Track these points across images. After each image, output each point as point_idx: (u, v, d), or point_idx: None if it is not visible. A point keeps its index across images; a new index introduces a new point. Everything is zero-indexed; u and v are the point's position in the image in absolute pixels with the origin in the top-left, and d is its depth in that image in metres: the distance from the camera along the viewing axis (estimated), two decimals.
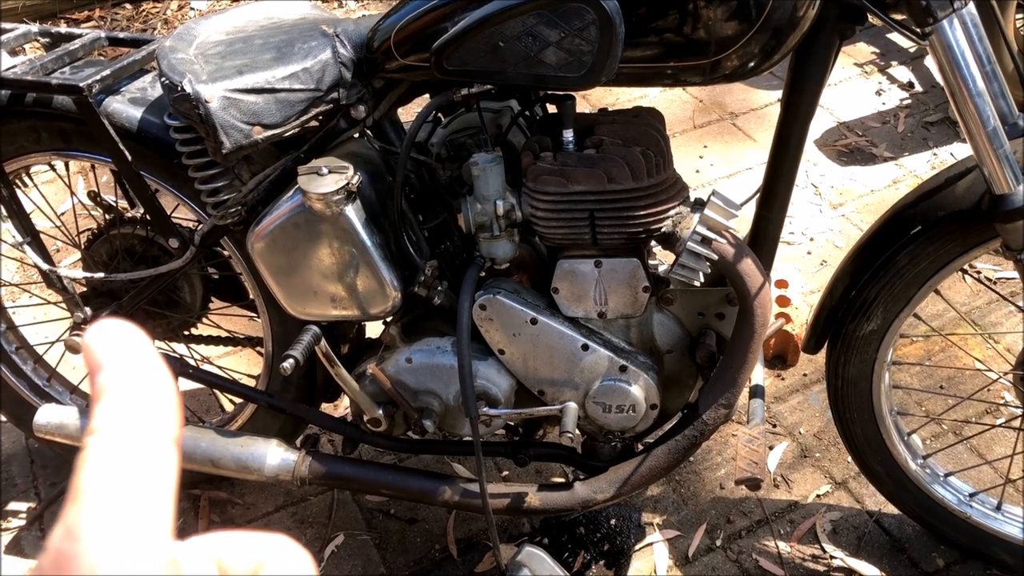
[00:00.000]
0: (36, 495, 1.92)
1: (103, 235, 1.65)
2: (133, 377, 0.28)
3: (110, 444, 0.27)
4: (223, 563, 0.30)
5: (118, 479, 0.26)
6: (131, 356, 0.29)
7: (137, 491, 0.26)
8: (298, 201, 1.30)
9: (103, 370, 0.28)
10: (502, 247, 1.35)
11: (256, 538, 0.31)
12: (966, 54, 1.15)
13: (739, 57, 1.16)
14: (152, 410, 0.28)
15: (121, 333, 0.29)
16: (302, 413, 1.61)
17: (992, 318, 2.21)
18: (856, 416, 1.57)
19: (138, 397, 0.28)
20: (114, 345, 0.29)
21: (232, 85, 1.23)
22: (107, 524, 0.25)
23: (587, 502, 1.46)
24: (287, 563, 0.30)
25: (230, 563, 0.30)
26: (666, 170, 1.26)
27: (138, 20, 3.83)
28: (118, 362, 0.29)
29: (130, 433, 0.27)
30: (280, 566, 0.30)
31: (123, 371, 0.28)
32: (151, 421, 0.28)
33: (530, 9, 1.11)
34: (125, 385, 0.28)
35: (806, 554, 1.72)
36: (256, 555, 0.30)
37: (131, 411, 0.28)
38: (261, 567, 0.30)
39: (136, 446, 0.27)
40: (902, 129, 2.92)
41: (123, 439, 0.27)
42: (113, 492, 0.26)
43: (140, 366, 0.29)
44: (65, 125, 1.49)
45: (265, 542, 0.31)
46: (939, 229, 1.35)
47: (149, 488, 0.26)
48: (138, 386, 0.28)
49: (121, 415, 0.27)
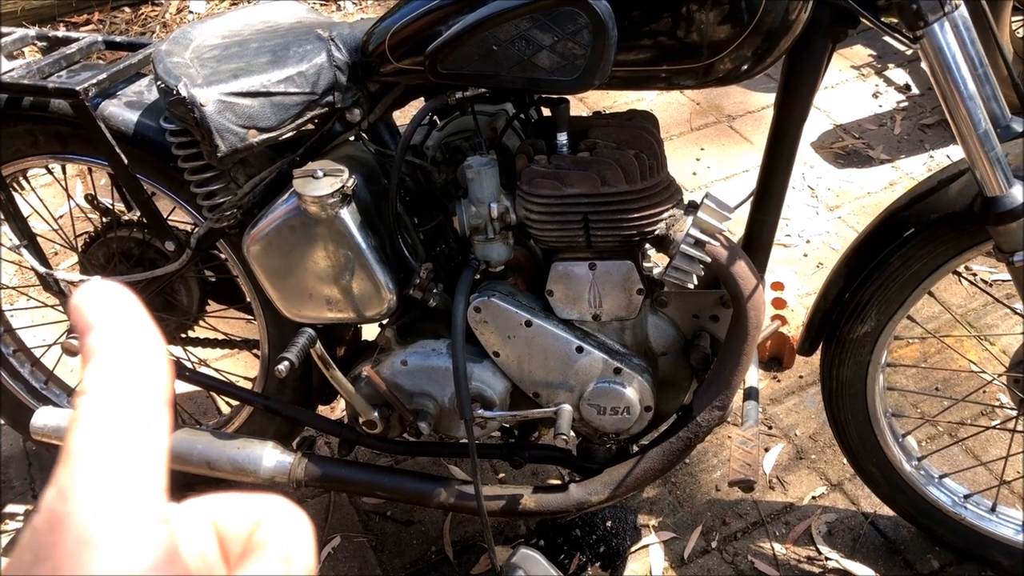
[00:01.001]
0: (34, 497, 1.93)
1: (100, 238, 1.65)
2: (123, 338, 0.28)
3: (101, 404, 0.26)
4: (219, 524, 0.30)
5: (109, 439, 0.26)
6: (121, 317, 0.28)
7: (129, 451, 0.26)
8: (293, 204, 1.31)
9: (93, 331, 0.28)
10: (497, 250, 1.36)
11: (251, 499, 0.31)
12: (957, 57, 1.16)
13: (732, 60, 1.17)
14: (143, 370, 0.28)
15: (111, 294, 0.29)
16: (298, 415, 1.61)
17: (988, 320, 2.21)
18: (851, 418, 1.57)
19: (128, 358, 0.28)
20: (104, 306, 0.29)
21: (227, 89, 1.23)
22: (99, 484, 0.25)
23: (582, 504, 1.46)
24: (283, 521, 0.30)
25: (226, 524, 0.30)
26: (659, 173, 1.26)
27: (137, 23, 3.84)
28: (108, 323, 0.28)
29: (121, 393, 0.27)
30: (276, 524, 0.30)
31: (113, 332, 0.28)
32: (142, 381, 0.27)
33: (523, 13, 1.12)
34: (115, 346, 0.28)
35: (801, 556, 1.72)
36: (252, 515, 0.30)
37: (121, 372, 0.27)
38: (257, 526, 0.30)
39: (127, 406, 0.27)
40: (898, 131, 2.93)
41: (114, 399, 0.27)
42: (104, 453, 0.25)
43: (130, 327, 0.28)
44: (62, 129, 1.49)
45: (260, 502, 0.31)
46: (932, 231, 1.35)
47: (141, 448, 0.26)
48: (128, 347, 0.28)
49: (111, 376, 0.27)
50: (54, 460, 1.54)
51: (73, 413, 0.27)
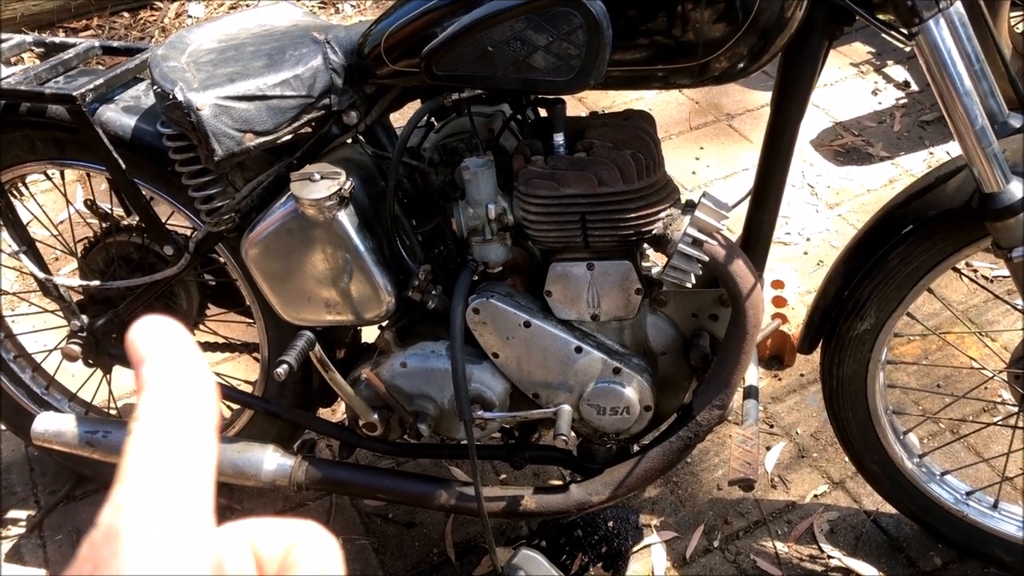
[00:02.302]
0: (36, 503, 1.93)
1: (99, 243, 1.65)
2: (174, 370, 0.30)
3: (154, 431, 0.29)
4: (256, 546, 0.32)
5: (162, 463, 0.28)
6: (172, 350, 0.31)
7: (179, 473, 0.28)
8: (291, 207, 1.31)
9: (146, 363, 0.30)
10: (494, 251, 1.36)
11: (286, 523, 0.33)
12: (953, 54, 1.15)
13: (728, 59, 1.17)
14: (192, 400, 0.30)
15: (163, 328, 0.31)
16: (298, 418, 1.62)
17: (989, 316, 2.21)
18: (851, 416, 1.57)
19: (178, 388, 0.30)
20: (156, 340, 0.31)
21: (223, 93, 1.23)
22: (153, 502, 0.27)
23: (582, 504, 1.46)
24: (315, 544, 0.32)
25: (263, 546, 0.32)
26: (656, 173, 1.26)
27: (136, 28, 3.84)
28: (160, 356, 0.31)
29: (171, 422, 0.29)
30: (309, 547, 0.32)
31: (165, 364, 0.30)
32: (191, 411, 0.30)
33: (518, 14, 1.12)
34: (167, 377, 0.30)
35: (804, 554, 1.72)
36: (286, 538, 0.32)
37: (172, 401, 0.29)
38: (292, 549, 0.32)
39: (178, 433, 0.29)
40: (898, 128, 2.93)
41: (165, 427, 0.29)
42: (158, 475, 0.27)
43: (180, 360, 0.31)
44: (59, 134, 1.50)
45: (294, 526, 0.33)
46: (930, 228, 1.35)
47: (190, 471, 0.28)
48: (178, 378, 0.30)
49: (163, 405, 0.29)
50: (56, 465, 1.54)
51: (127, 439, 0.29)
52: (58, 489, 1.95)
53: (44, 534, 1.87)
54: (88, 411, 1.92)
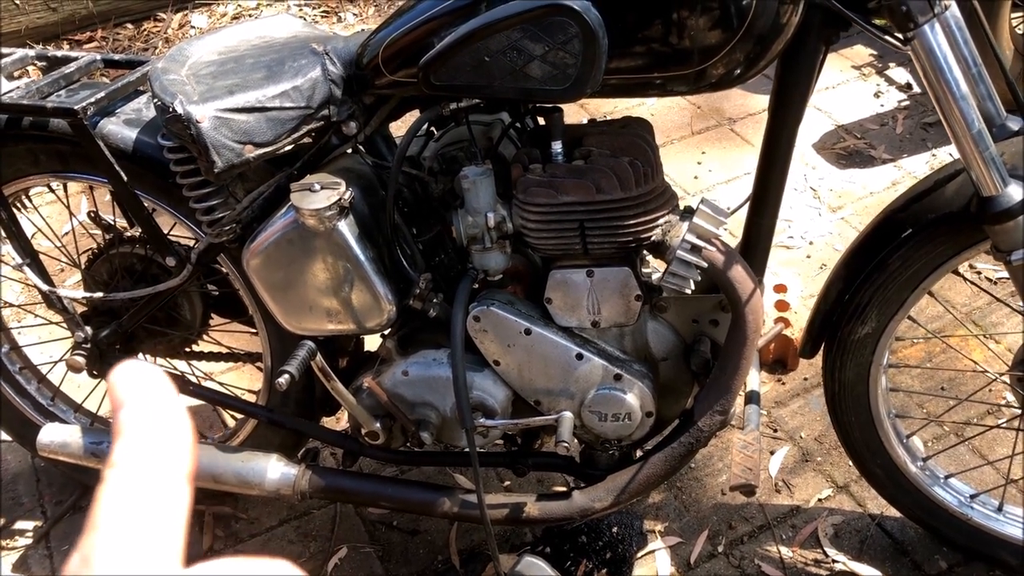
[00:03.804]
0: (42, 513, 1.94)
1: (103, 255, 1.66)
2: (151, 416, 0.31)
3: (127, 478, 0.29)
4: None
5: (133, 511, 0.28)
6: (150, 396, 0.31)
7: (150, 522, 0.28)
8: (291, 217, 1.31)
9: (124, 408, 0.31)
10: (494, 259, 1.36)
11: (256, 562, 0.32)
12: (949, 58, 1.16)
13: (724, 65, 1.17)
14: (167, 448, 0.30)
15: (142, 374, 0.32)
16: (302, 427, 1.62)
17: (993, 318, 2.21)
18: (854, 420, 1.57)
19: (155, 435, 0.30)
20: (135, 385, 0.31)
21: (223, 105, 1.24)
22: (120, 554, 0.27)
23: (585, 511, 1.46)
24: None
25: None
26: (654, 179, 1.27)
27: (139, 39, 3.86)
28: (138, 401, 0.31)
29: (146, 468, 0.29)
30: None
31: (142, 410, 0.31)
32: (166, 458, 0.30)
33: (514, 23, 1.12)
34: (143, 423, 0.30)
35: (808, 559, 1.72)
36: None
37: (148, 448, 0.30)
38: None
39: (151, 481, 0.29)
40: (900, 131, 2.93)
41: (139, 474, 0.29)
42: (128, 523, 0.27)
43: (158, 406, 0.31)
44: (62, 147, 1.51)
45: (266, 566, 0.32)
46: (930, 232, 1.35)
47: (162, 520, 0.28)
48: (155, 425, 0.30)
49: (139, 451, 0.30)
50: (62, 476, 1.54)
51: (100, 486, 0.29)
52: (64, 500, 1.96)
53: (51, 544, 1.88)
54: (93, 422, 1.93)
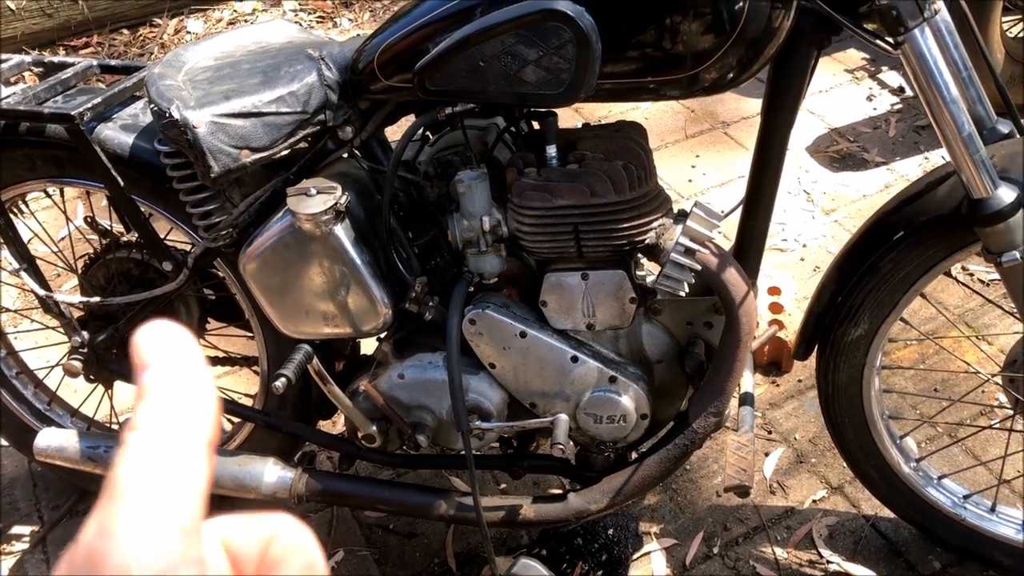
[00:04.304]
0: (39, 518, 1.94)
1: (99, 259, 1.67)
2: (176, 379, 0.29)
3: (148, 442, 0.27)
4: (231, 544, 0.31)
5: (152, 478, 0.26)
6: (176, 358, 0.29)
7: (170, 490, 0.26)
8: (288, 222, 1.32)
9: (148, 369, 0.29)
10: (489, 262, 1.37)
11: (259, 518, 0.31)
12: (939, 62, 1.17)
13: (717, 69, 1.18)
14: (191, 412, 0.28)
15: (169, 334, 0.30)
16: (298, 431, 1.63)
17: (985, 320, 2.22)
18: (848, 421, 1.58)
19: (178, 399, 0.29)
20: (161, 346, 0.30)
21: (219, 110, 1.25)
22: (138, 524, 0.25)
23: (581, 513, 1.47)
24: (295, 540, 0.31)
25: (237, 544, 0.31)
26: (648, 183, 1.28)
27: (135, 45, 3.87)
28: (163, 363, 0.29)
29: (168, 433, 0.28)
30: (289, 543, 0.31)
31: (167, 372, 0.29)
32: (189, 423, 0.28)
33: (509, 29, 1.13)
34: (167, 386, 0.29)
35: (803, 560, 1.72)
36: (261, 533, 0.31)
37: (170, 412, 0.28)
38: (271, 542, 0.31)
39: (172, 446, 0.27)
40: (893, 134, 2.94)
41: (160, 438, 0.27)
42: (146, 491, 0.26)
43: (183, 368, 0.29)
44: (59, 153, 1.51)
45: (268, 520, 0.31)
46: (921, 234, 1.36)
47: (181, 488, 0.27)
48: (179, 388, 0.29)
49: (161, 415, 0.28)
50: (59, 481, 1.55)
51: (121, 448, 0.27)
52: (61, 504, 1.96)
53: (48, 549, 1.88)
54: (90, 426, 1.93)
